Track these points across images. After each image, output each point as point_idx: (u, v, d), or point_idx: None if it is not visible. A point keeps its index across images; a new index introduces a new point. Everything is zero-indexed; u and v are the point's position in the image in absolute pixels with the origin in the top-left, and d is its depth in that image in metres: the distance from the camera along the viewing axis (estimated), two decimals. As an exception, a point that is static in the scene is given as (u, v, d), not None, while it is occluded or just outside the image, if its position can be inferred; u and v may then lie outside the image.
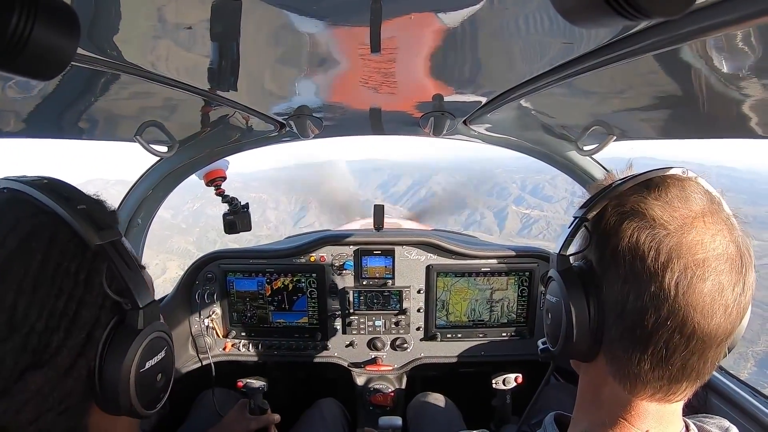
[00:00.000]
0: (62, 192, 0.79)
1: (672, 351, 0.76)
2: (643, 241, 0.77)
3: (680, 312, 0.74)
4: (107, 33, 0.90)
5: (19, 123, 1.45)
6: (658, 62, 1.02)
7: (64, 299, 0.72)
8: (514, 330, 2.71)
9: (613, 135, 1.68)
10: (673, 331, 0.75)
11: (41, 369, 0.70)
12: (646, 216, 0.79)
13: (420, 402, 2.63)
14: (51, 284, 0.71)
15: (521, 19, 0.85)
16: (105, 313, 0.77)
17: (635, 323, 0.78)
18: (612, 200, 0.86)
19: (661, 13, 0.42)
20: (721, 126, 1.33)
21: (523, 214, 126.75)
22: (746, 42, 0.82)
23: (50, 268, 0.72)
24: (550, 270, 0.96)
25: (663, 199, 0.80)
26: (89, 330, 0.74)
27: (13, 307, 0.68)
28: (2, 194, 0.78)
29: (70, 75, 1.11)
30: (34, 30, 0.52)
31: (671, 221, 0.77)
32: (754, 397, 1.74)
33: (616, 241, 0.81)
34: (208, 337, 2.66)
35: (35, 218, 0.74)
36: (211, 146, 2.23)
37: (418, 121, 1.88)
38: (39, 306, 0.70)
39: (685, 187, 0.82)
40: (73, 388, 0.74)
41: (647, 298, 0.76)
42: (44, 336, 0.70)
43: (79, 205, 0.77)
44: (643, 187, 0.84)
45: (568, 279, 0.88)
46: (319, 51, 1.04)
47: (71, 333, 0.72)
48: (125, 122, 1.65)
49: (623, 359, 0.81)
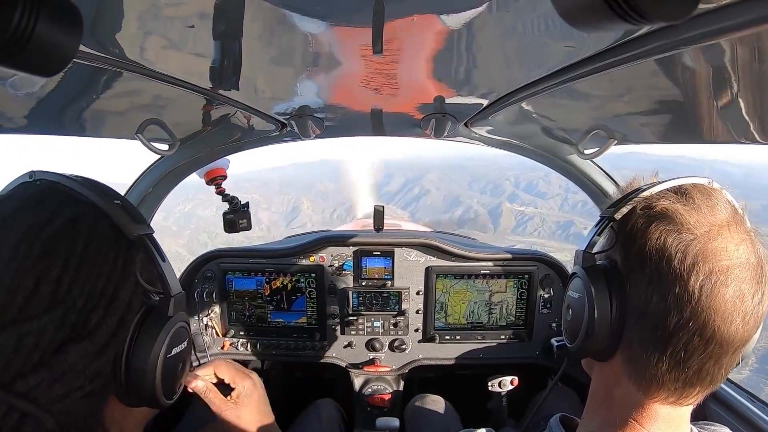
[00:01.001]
0: (99, 187, 0.84)
1: (690, 353, 0.78)
2: (670, 243, 0.79)
3: (702, 315, 0.75)
4: (110, 30, 0.90)
5: (20, 119, 1.46)
6: (660, 67, 1.02)
7: (104, 280, 0.76)
8: (512, 333, 2.71)
9: (614, 139, 1.68)
10: (694, 333, 0.76)
11: (80, 343, 0.73)
12: (674, 220, 0.80)
13: (417, 403, 2.62)
14: (93, 265, 0.75)
15: (523, 22, 0.86)
16: (137, 299, 0.81)
17: (657, 324, 0.79)
18: (640, 203, 0.88)
19: (664, 18, 0.42)
20: (722, 131, 1.33)
21: (518, 211, 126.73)
22: (748, 47, 0.82)
23: (93, 250, 0.76)
24: (574, 266, 0.97)
25: (691, 205, 0.82)
26: (123, 313, 0.78)
27: (58, 281, 0.71)
28: (36, 184, 0.82)
29: (72, 72, 1.11)
30: (37, 26, 0.52)
31: (698, 227, 0.79)
32: (753, 403, 1.74)
33: (643, 243, 0.82)
34: (206, 336, 2.66)
35: (76, 207, 0.78)
36: (211, 145, 2.23)
37: (419, 123, 1.88)
38: (81, 284, 0.73)
39: (711, 196, 0.84)
40: (103, 369, 0.76)
41: (671, 299, 0.77)
42: (84, 312, 0.73)
43: (115, 200, 0.82)
44: (671, 192, 0.86)
45: (593, 276, 0.89)
46: (321, 51, 1.04)
47: (108, 313, 0.76)
48: (126, 120, 1.65)
49: (641, 359, 0.82)
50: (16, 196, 0.80)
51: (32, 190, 0.81)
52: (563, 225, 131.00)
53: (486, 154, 70.10)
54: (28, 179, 0.83)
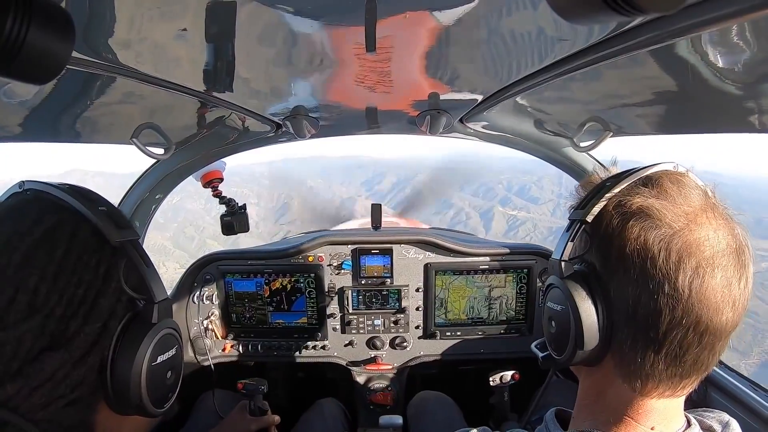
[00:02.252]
0: (84, 194, 0.83)
1: (686, 349, 0.77)
2: (651, 241, 0.76)
3: (694, 310, 0.74)
4: (102, 36, 0.90)
5: (15, 127, 1.45)
6: (654, 57, 1.02)
7: (84, 288, 0.75)
8: (512, 327, 2.72)
9: (609, 131, 1.68)
10: (688, 329, 0.75)
11: (57, 351, 0.72)
12: (651, 215, 0.78)
13: (420, 400, 2.62)
14: (72, 273, 0.74)
15: (516, 16, 0.86)
16: (121, 306, 0.80)
17: (649, 325, 0.77)
18: (611, 200, 0.85)
19: (656, 9, 0.42)
20: (717, 120, 1.33)
21: (510, 215, 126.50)
22: (741, 36, 0.83)
23: (72, 258, 0.75)
24: (550, 277, 0.95)
25: (664, 196, 0.80)
26: (105, 320, 0.78)
27: (35, 291, 0.71)
28: (26, 195, 0.82)
29: (65, 78, 1.11)
30: (28, 34, 0.52)
31: (676, 219, 0.77)
32: (754, 391, 1.75)
33: (622, 243, 0.80)
34: (207, 338, 2.65)
35: (58, 214, 0.78)
36: (207, 148, 2.23)
37: (415, 120, 1.88)
38: (59, 292, 0.73)
39: (682, 183, 0.82)
40: (86, 377, 0.76)
41: (661, 299, 0.75)
42: (62, 321, 0.72)
43: (100, 207, 0.81)
44: (640, 185, 0.84)
45: (574, 286, 0.86)
46: (314, 51, 1.04)
47: (88, 321, 0.75)
48: (121, 125, 1.64)
49: (635, 361, 0.80)
50: (2, 207, 0.81)
51: (18, 200, 0.81)
52: (555, 231, 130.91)
53: (478, 156, 69.75)
54: (18, 189, 0.84)
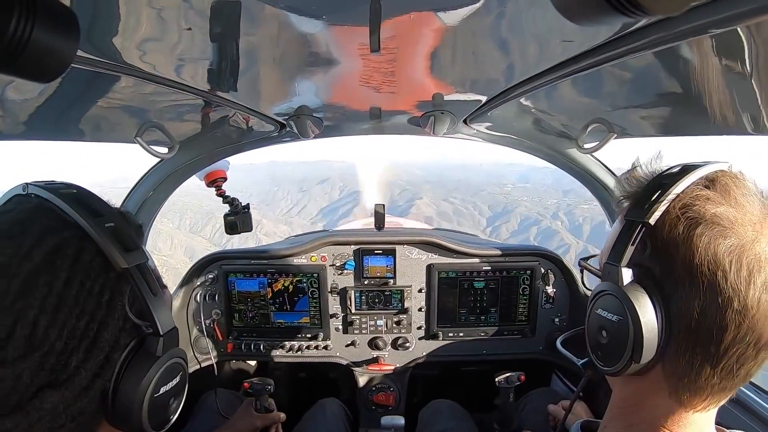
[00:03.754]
0: (89, 205, 0.78)
1: (742, 363, 0.74)
2: (722, 253, 0.72)
3: (758, 326, 0.71)
4: (107, 35, 0.90)
5: (20, 125, 1.46)
6: (658, 59, 1.02)
7: (86, 320, 0.71)
8: (515, 329, 2.71)
9: (613, 133, 1.67)
10: (749, 345, 0.72)
11: (58, 389, 0.69)
12: (720, 224, 0.74)
13: (432, 410, 2.58)
14: (74, 304, 0.70)
15: (521, 17, 0.85)
16: (125, 335, 0.77)
17: (711, 340, 0.74)
18: (674, 202, 0.79)
19: (661, 11, 0.42)
20: (721, 123, 1.33)
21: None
22: (746, 39, 0.82)
23: (74, 287, 0.71)
24: (603, 283, 0.89)
25: (731, 203, 0.76)
26: (108, 352, 0.74)
27: (34, 325, 0.67)
28: (29, 201, 0.77)
29: (70, 77, 1.11)
30: (33, 32, 0.52)
31: (744, 230, 0.73)
32: (759, 396, 1.74)
33: (689, 253, 0.75)
34: (209, 338, 2.66)
35: (61, 233, 0.73)
36: (211, 147, 2.23)
37: (419, 121, 1.88)
38: (60, 325, 0.69)
39: (743, 186, 0.78)
40: (87, 407, 0.73)
41: (729, 314, 0.72)
42: (63, 356, 0.69)
43: (107, 223, 0.76)
44: (705, 188, 0.79)
45: (636, 297, 0.80)
46: (319, 51, 1.04)
47: (90, 354, 0.72)
48: (125, 124, 1.65)
49: (689, 374, 0.77)
50: (3, 216, 0.75)
51: (20, 210, 0.76)
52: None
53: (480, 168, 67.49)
54: (21, 192, 0.79)
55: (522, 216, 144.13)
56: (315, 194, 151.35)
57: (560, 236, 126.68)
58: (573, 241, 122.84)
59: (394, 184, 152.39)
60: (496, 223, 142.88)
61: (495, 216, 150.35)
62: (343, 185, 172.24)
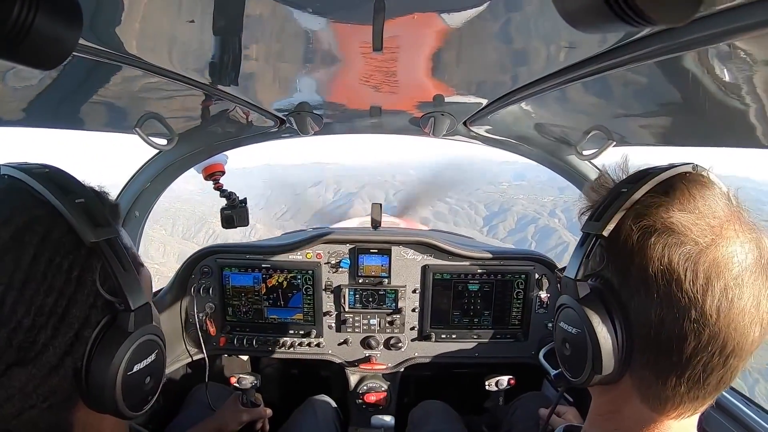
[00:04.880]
0: (62, 183, 0.76)
1: (710, 372, 0.73)
2: (676, 261, 0.71)
3: (721, 335, 0.70)
4: (110, 24, 0.90)
5: (19, 112, 1.45)
6: (661, 69, 1.02)
7: (54, 296, 0.70)
8: (508, 332, 2.71)
9: (612, 140, 1.68)
10: (713, 353, 0.71)
11: (26, 367, 0.69)
12: (675, 230, 0.73)
13: (423, 410, 2.58)
14: (42, 280, 0.69)
15: (524, 21, 0.86)
16: (96, 312, 0.75)
17: (672, 349, 0.73)
18: (629, 211, 0.79)
19: (666, 21, 0.42)
20: (722, 135, 1.33)
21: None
22: (749, 51, 0.82)
23: (42, 263, 0.70)
24: (563, 297, 0.89)
25: (688, 208, 0.74)
26: (78, 329, 0.73)
27: (1, 301, 0.67)
28: (2, 181, 0.76)
29: (71, 65, 1.11)
30: (36, 19, 0.52)
31: (701, 235, 0.71)
32: (747, 406, 1.75)
33: (644, 262, 0.74)
34: (202, 331, 2.65)
35: (31, 211, 0.72)
36: (210, 140, 2.23)
37: (419, 121, 1.88)
38: (27, 302, 0.68)
39: (705, 189, 0.77)
40: (59, 386, 0.73)
41: (687, 324, 0.71)
42: (31, 333, 0.68)
43: (77, 199, 0.75)
44: (661, 194, 0.78)
45: (591, 308, 0.80)
46: (321, 48, 1.04)
47: (59, 331, 0.71)
48: (125, 114, 1.64)
49: (656, 384, 0.77)
50: None
51: None
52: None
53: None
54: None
55: (519, 214, 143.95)
56: (309, 197, 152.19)
57: (558, 234, 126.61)
58: (571, 239, 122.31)
59: (389, 185, 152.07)
60: (493, 222, 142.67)
61: (492, 215, 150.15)
62: (337, 187, 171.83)
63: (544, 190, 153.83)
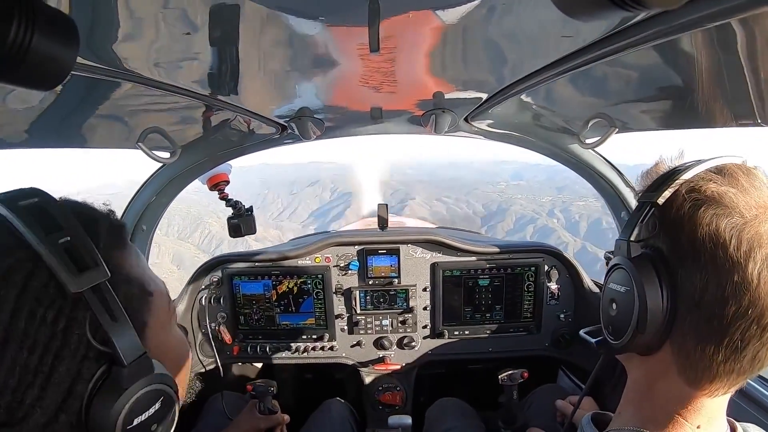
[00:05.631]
0: (46, 217, 0.68)
1: (747, 342, 0.75)
2: (723, 229, 0.75)
3: (760, 302, 0.72)
4: (106, 41, 0.90)
5: (21, 134, 1.46)
6: (658, 53, 1.02)
7: (39, 353, 0.64)
8: (521, 326, 2.71)
9: (614, 127, 1.67)
10: (752, 321, 0.73)
11: (14, 428, 0.64)
12: (724, 203, 0.77)
13: (440, 408, 2.57)
14: (23, 337, 0.63)
15: (519, 13, 0.85)
16: (89, 365, 0.68)
17: (713, 314, 0.76)
18: (683, 185, 0.83)
19: (660, 4, 0.42)
20: (722, 115, 1.32)
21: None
22: (746, 30, 0.82)
23: (22, 318, 0.63)
24: (615, 257, 0.92)
25: (737, 186, 0.79)
26: (69, 385, 0.67)
27: None
28: None
29: (70, 84, 1.11)
30: (33, 40, 0.52)
31: (748, 209, 0.76)
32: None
33: (693, 229, 0.78)
34: (215, 340, 2.66)
35: (12, 255, 0.65)
36: (213, 151, 2.24)
37: (420, 120, 1.88)
38: (10, 361, 0.62)
39: (754, 175, 0.81)
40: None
41: (729, 288, 0.74)
42: (17, 393, 0.63)
43: (61, 238, 0.67)
44: (714, 174, 0.82)
45: (642, 267, 0.84)
46: (318, 52, 1.04)
47: (46, 391, 0.65)
48: (127, 129, 1.65)
49: (695, 351, 0.79)
50: None
51: None
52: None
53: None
54: None
55: (517, 214, 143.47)
56: (306, 197, 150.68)
57: (557, 234, 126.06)
58: (570, 239, 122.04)
59: (386, 185, 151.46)
60: (491, 223, 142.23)
61: (490, 215, 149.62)
62: (334, 187, 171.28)
63: (543, 190, 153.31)
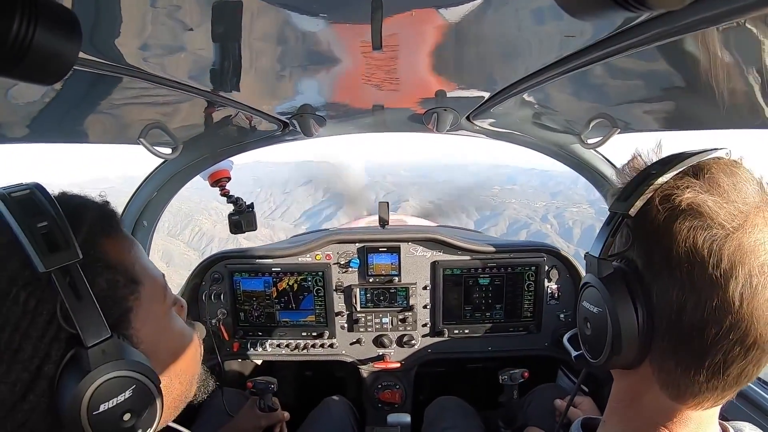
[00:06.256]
0: (32, 206, 0.72)
1: (730, 362, 0.70)
2: (701, 244, 0.69)
3: (743, 323, 0.67)
4: (109, 36, 0.90)
5: (23, 128, 1.46)
6: (661, 53, 1.01)
7: (9, 330, 0.66)
8: (521, 325, 2.71)
9: (616, 128, 1.67)
10: (734, 343, 0.69)
11: None
12: (702, 213, 0.70)
13: (439, 407, 2.56)
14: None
15: (523, 12, 0.85)
16: (57, 346, 0.70)
17: (692, 335, 0.71)
18: (657, 193, 0.76)
19: (664, 5, 0.41)
20: (725, 117, 1.32)
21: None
22: (750, 31, 0.82)
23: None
24: (586, 275, 0.87)
25: (717, 191, 0.72)
26: (38, 365, 0.68)
27: None
28: None
29: (72, 79, 1.11)
30: (35, 35, 0.52)
31: (729, 219, 0.69)
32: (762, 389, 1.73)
33: (669, 243, 0.72)
34: (215, 337, 2.67)
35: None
36: (215, 147, 2.24)
37: (422, 118, 1.88)
38: None
39: (736, 174, 0.74)
40: (30, 422, 0.69)
41: (708, 309, 0.68)
42: None
43: (40, 222, 0.70)
44: (690, 177, 0.75)
45: (613, 287, 0.79)
46: (321, 49, 1.04)
47: (12, 368, 0.67)
48: (129, 125, 1.65)
49: (675, 371, 0.75)
50: None
51: None
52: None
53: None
54: None
55: (511, 219, 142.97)
56: (298, 196, 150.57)
57: (551, 240, 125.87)
58: (564, 245, 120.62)
59: (380, 186, 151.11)
60: (484, 226, 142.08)
61: (483, 219, 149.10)
62: (327, 187, 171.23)
63: (536, 195, 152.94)
